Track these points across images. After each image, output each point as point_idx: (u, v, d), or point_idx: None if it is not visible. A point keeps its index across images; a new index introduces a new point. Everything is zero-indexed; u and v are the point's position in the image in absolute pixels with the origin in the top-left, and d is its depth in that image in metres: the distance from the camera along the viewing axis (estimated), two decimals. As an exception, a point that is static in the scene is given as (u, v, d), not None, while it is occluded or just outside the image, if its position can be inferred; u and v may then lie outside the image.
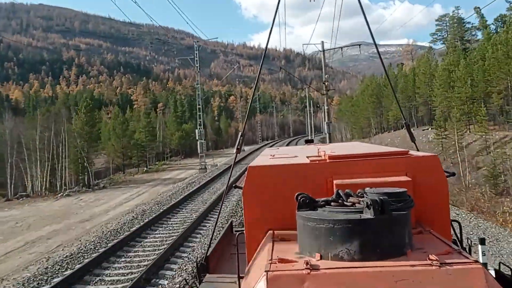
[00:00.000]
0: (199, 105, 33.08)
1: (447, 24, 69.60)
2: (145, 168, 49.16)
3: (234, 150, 3.84)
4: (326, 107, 28.60)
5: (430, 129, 48.68)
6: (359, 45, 28.84)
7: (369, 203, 1.69)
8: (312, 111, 73.95)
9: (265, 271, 1.65)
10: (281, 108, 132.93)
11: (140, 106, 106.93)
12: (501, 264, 3.01)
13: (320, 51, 27.22)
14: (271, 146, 42.23)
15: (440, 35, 73.15)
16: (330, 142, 25.49)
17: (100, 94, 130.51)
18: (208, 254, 4.02)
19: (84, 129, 39.98)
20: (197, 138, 31.70)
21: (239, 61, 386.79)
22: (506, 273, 2.80)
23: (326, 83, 27.57)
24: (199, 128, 31.38)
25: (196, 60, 33.19)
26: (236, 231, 5.41)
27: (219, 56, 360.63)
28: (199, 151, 32.34)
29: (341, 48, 27.49)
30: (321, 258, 1.71)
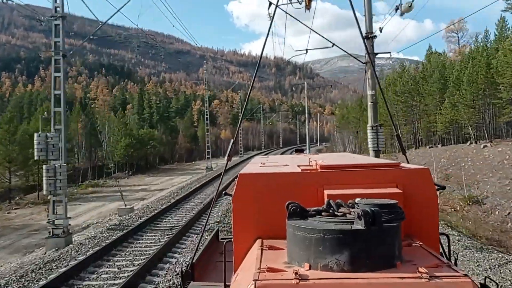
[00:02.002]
0: (56, 89, 13.84)
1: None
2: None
3: (225, 158, 4.19)
4: (371, 92, 11.84)
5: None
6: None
7: (360, 214, 1.67)
8: (307, 118, 57.97)
9: (254, 280, 1.63)
10: (270, 115, 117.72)
11: (99, 106, 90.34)
12: (487, 278, 2.68)
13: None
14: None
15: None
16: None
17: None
18: (193, 262, 3.88)
19: None
20: (35, 155, 12.96)
21: (228, 67, 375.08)
22: None
23: (372, 36, 11.48)
24: (50, 134, 12.90)
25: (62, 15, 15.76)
26: (222, 239, 5.28)
27: (208, 62, 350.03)
28: (44, 189, 12.83)
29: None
30: (310, 268, 1.70)
